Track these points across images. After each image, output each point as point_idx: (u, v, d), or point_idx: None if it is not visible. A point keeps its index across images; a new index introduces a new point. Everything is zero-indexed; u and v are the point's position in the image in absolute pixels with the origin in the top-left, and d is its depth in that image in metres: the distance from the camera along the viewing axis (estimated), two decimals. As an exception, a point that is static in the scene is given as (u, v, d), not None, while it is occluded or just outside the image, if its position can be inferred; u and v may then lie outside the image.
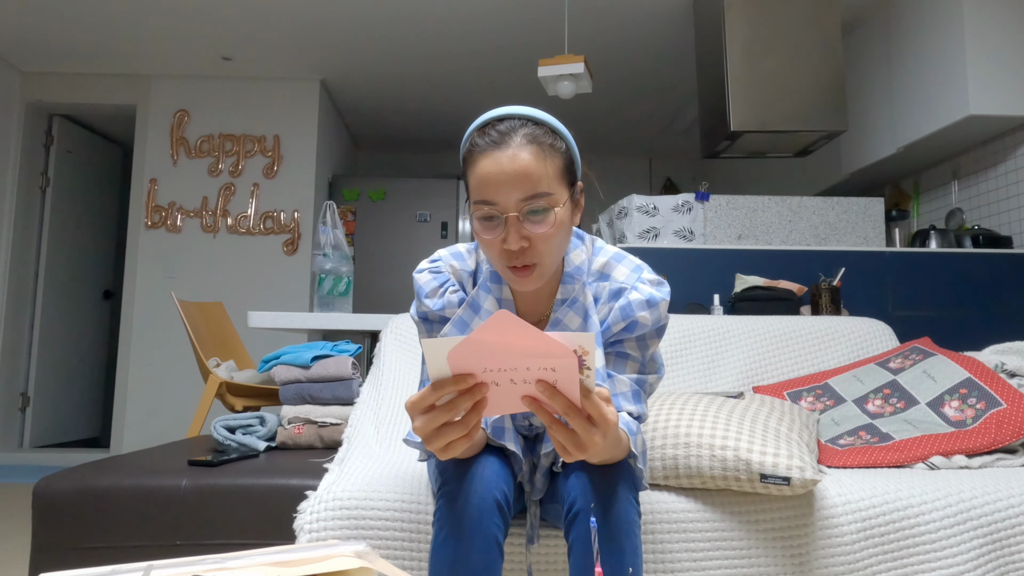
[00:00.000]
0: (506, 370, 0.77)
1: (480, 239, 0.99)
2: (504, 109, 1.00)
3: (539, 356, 0.75)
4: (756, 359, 1.88)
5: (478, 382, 0.78)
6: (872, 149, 3.60)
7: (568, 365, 0.76)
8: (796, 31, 3.12)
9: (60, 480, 1.29)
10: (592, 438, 0.81)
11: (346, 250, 2.41)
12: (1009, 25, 2.98)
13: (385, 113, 5.26)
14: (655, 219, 2.98)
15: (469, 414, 0.80)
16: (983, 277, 2.82)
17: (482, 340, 0.74)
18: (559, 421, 0.81)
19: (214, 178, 4.51)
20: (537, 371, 0.77)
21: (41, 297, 4.54)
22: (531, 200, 0.95)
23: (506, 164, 0.94)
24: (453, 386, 0.78)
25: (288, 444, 1.66)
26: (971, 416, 1.48)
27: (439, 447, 0.82)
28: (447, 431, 0.81)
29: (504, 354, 0.75)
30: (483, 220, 0.97)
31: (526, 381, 0.78)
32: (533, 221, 0.95)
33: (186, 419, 4.26)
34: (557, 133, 0.99)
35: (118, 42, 4.12)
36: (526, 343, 0.74)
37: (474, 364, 0.76)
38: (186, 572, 0.42)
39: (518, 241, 0.95)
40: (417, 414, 0.81)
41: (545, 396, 0.78)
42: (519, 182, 0.94)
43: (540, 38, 3.99)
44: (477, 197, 0.97)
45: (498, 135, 0.96)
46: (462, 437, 0.82)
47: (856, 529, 1.18)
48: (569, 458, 0.84)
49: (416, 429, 0.82)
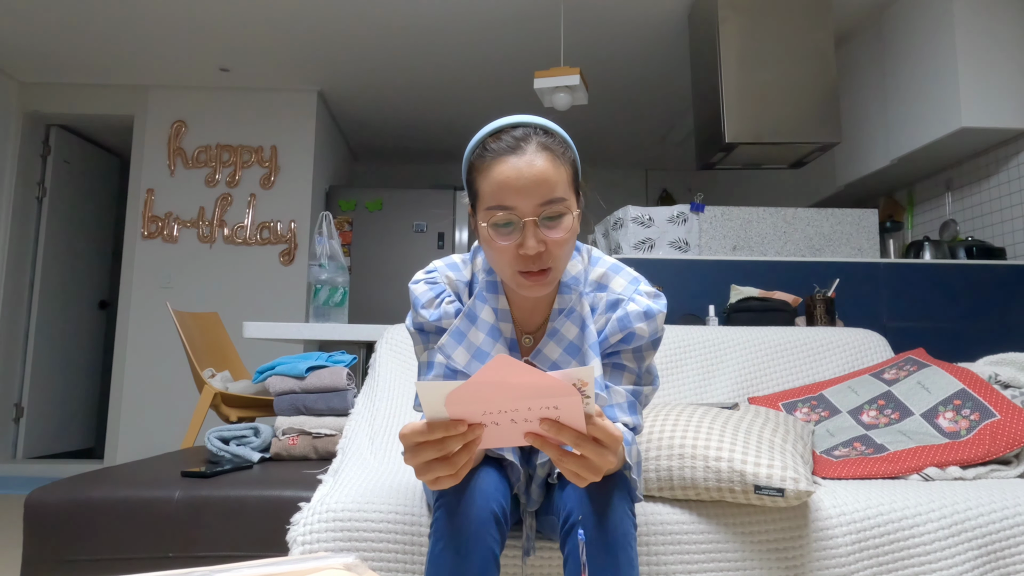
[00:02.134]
0: (506, 411, 0.76)
1: (492, 246, 0.98)
2: (516, 117, 1.01)
3: (540, 397, 0.74)
4: (751, 370, 1.89)
5: (471, 425, 0.77)
6: (866, 161, 3.62)
7: (572, 403, 0.75)
8: (790, 43, 3.15)
9: (52, 492, 1.28)
10: (604, 459, 0.81)
11: (342, 260, 2.41)
12: (1001, 38, 3.01)
13: (382, 124, 5.28)
14: (650, 230, 2.99)
15: (459, 454, 0.80)
16: (977, 288, 2.83)
17: (481, 383, 0.72)
18: (567, 452, 0.81)
19: (211, 188, 4.52)
20: (539, 411, 0.76)
21: (36, 307, 4.53)
22: (548, 205, 0.96)
23: (524, 169, 0.95)
24: (444, 432, 0.77)
25: (282, 455, 1.65)
26: (965, 427, 1.48)
27: (427, 480, 0.82)
28: (435, 467, 0.81)
29: (504, 397, 0.74)
30: (498, 226, 0.97)
31: (527, 420, 0.77)
32: (549, 226, 0.96)
33: (181, 430, 4.24)
34: (566, 143, 1.02)
35: (116, 53, 4.14)
36: (527, 383, 0.73)
37: (473, 407, 0.75)
38: (175, 585, 0.42)
39: (536, 246, 0.95)
40: (408, 447, 0.81)
41: (552, 433, 0.78)
42: (537, 187, 0.95)
43: (536, 50, 4.01)
44: (493, 203, 0.96)
45: (514, 140, 0.97)
46: (449, 476, 0.82)
47: (851, 540, 1.18)
48: (584, 484, 0.83)
49: (406, 460, 0.82)
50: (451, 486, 0.84)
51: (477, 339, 1.06)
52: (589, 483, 0.93)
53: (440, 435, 0.77)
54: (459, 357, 1.05)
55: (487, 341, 1.05)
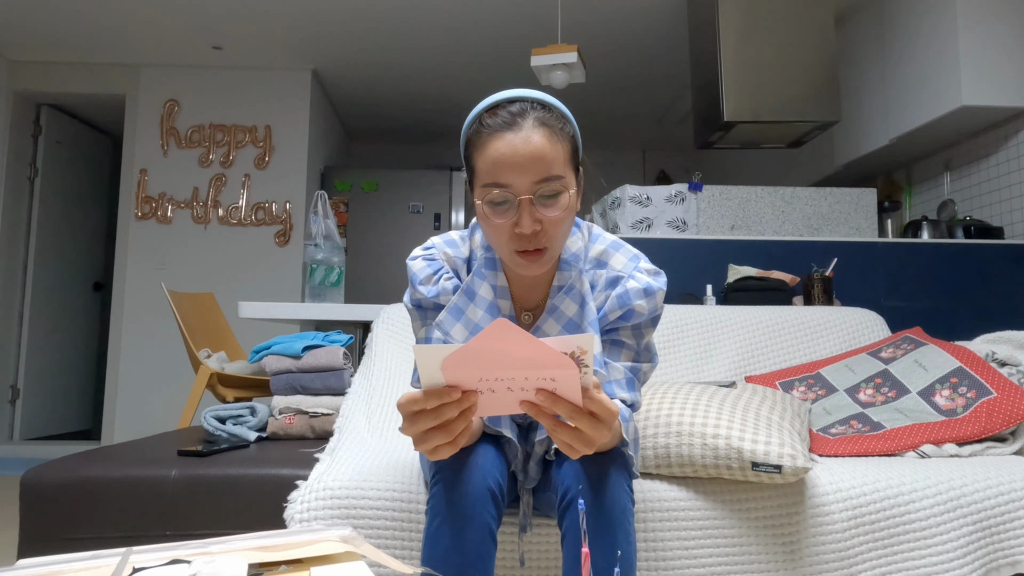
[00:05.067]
0: (503, 379, 0.75)
1: (488, 223, 0.97)
2: (513, 91, 0.98)
3: (538, 367, 0.73)
4: (748, 349, 1.88)
5: (467, 392, 0.76)
6: (865, 140, 3.60)
7: (569, 376, 0.74)
8: (789, 21, 3.11)
9: (48, 470, 1.27)
10: (599, 433, 0.80)
11: (338, 240, 2.39)
12: (1002, 16, 2.98)
13: (377, 103, 5.23)
14: (648, 209, 2.98)
15: (455, 422, 0.79)
16: (974, 267, 2.83)
17: (478, 349, 0.71)
18: (561, 423, 0.80)
19: (205, 169, 4.48)
20: (536, 381, 0.75)
21: (30, 289, 4.50)
22: (544, 183, 0.94)
23: (520, 146, 0.93)
24: (438, 399, 0.76)
25: (279, 434, 1.65)
26: (962, 405, 1.49)
27: (426, 450, 0.82)
28: (432, 436, 0.80)
29: (501, 364, 0.73)
30: (493, 204, 0.95)
31: (524, 389, 0.76)
32: (546, 204, 0.94)
33: (177, 411, 4.24)
34: (565, 117, 0.99)
35: (107, 31, 4.08)
36: (525, 353, 0.71)
37: (469, 373, 0.74)
38: (165, 557, 0.41)
39: (532, 224, 0.94)
40: (405, 416, 0.80)
41: (547, 404, 0.77)
42: (533, 164, 0.93)
43: (533, 27, 3.96)
44: (488, 180, 0.95)
45: (510, 116, 0.95)
46: (447, 444, 0.81)
47: (847, 517, 1.19)
48: (576, 455, 0.83)
49: (403, 430, 0.81)
50: (449, 455, 0.83)
51: (475, 316, 1.05)
52: (581, 456, 0.93)
53: (436, 403, 0.77)
54: (457, 334, 1.04)
55: (485, 318, 1.04)
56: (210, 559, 0.40)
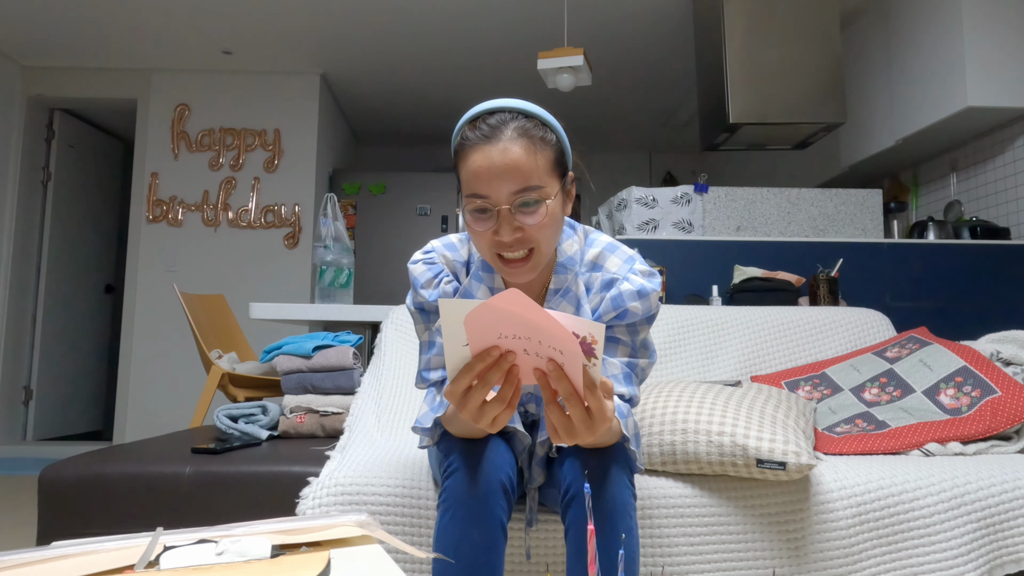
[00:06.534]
0: (520, 338, 0.78)
1: (472, 231, 1.00)
2: (494, 102, 1.01)
3: (549, 337, 0.77)
4: (754, 349, 1.90)
5: (504, 352, 0.80)
6: (871, 141, 3.60)
7: (573, 352, 0.77)
8: (795, 23, 3.12)
9: (66, 467, 1.30)
10: (585, 429, 0.83)
11: (347, 242, 2.42)
12: (1007, 17, 2.98)
13: (385, 107, 5.26)
14: (654, 211, 2.99)
15: (504, 388, 0.84)
16: (980, 268, 2.83)
17: (499, 307, 0.75)
18: (558, 403, 0.83)
19: (215, 172, 4.52)
20: (548, 348, 0.78)
21: (43, 291, 4.55)
22: (522, 193, 0.96)
23: (497, 158, 0.95)
24: (481, 363, 0.81)
25: (290, 433, 1.67)
26: (966, 404, 1.50)
27: (487, 423, 0.86)
28: (488, 409, 0.85)
29: (519, 325, 0.77)
30: (475, 213, 0.98)
31: (538, 355, 0.80)
32: (525, 213, 0.97)
33: (188, 411, 4.28)
34: (547, 125, 1.00)
35: (119, 36, 4.13)
36: (539, 321, 0.75)
37: (490, 330, 0.78)
38: (193, 538, 0.43)
39: (511, 233, 0.96)
40: (457, 397, 0.84)
41: (553, 376, 0.81)
42: (510, 175, 0.95)
43: (540, 31, 3.99)
44: (469, 191, 0.98)
45: (489, 129, 0.97)
46: (505, 409, 0.85)
47: (851, 514, 1.20)
48: (558, 441, 0.86)
49: (460, 413, 0.85)
50: (508, 420, 0.87)
51: None
52: (578, 451, 0.96)
53: (480, 366, 0.81)
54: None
55: None
56: (236, 539, 0.43)
